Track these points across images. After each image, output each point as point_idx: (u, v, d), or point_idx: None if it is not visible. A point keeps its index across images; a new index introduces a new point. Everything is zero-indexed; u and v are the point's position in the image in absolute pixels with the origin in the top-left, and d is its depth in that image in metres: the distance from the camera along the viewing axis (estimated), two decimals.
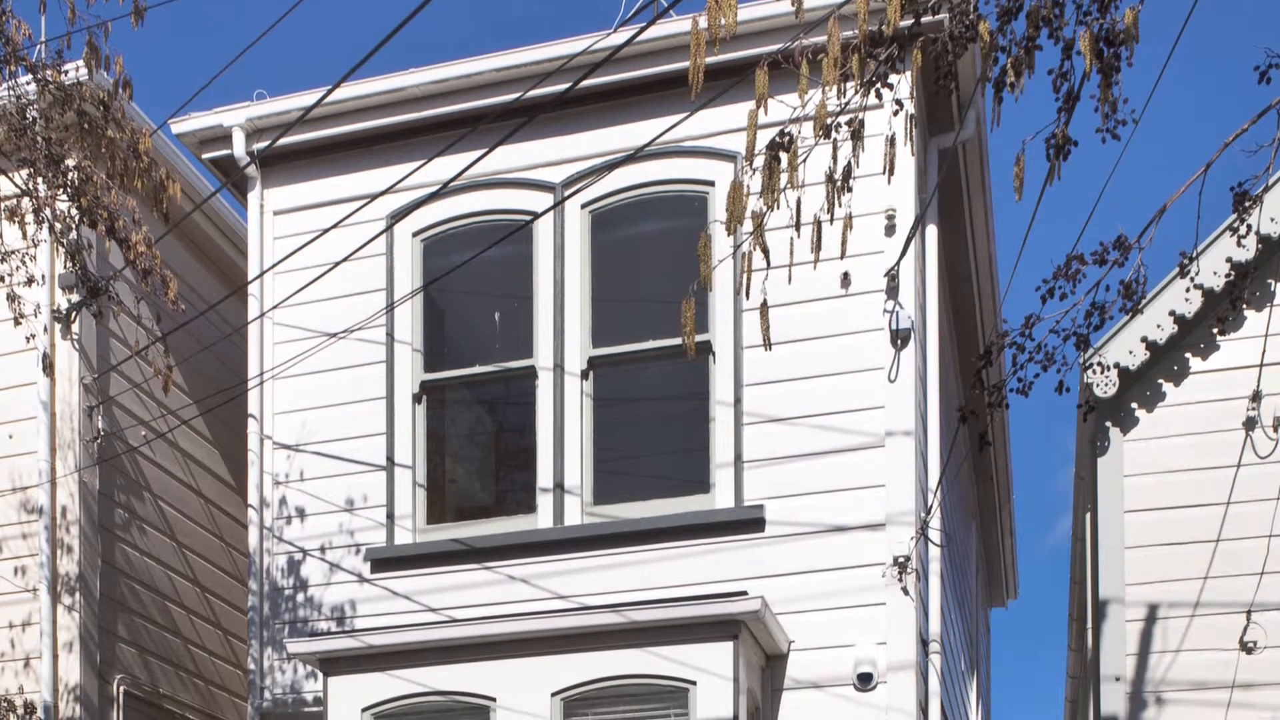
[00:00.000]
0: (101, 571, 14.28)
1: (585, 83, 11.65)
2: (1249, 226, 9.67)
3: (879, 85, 7.54)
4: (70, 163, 11.01)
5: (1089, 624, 14.50)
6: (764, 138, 7.45)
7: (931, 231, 12.79)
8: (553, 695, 11.70)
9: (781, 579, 12.08)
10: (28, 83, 11.15)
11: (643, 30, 11.00)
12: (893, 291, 11.98)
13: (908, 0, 7.46)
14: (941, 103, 12.73)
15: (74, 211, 11.17)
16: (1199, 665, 12.81)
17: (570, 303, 12.86)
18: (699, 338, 12.28)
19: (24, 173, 11.51)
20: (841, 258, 9.87)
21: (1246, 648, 12.59)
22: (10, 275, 12.08)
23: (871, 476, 12.03)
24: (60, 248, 12.15)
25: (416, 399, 13.25)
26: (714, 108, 11.70)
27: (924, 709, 12.22)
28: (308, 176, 13.84)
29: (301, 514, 13.49)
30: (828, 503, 12.09)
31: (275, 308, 13.57)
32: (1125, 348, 12.89)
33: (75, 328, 13.33)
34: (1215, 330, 12.78)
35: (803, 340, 12.25)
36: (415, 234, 13.33)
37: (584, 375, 12.79)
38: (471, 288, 13.49)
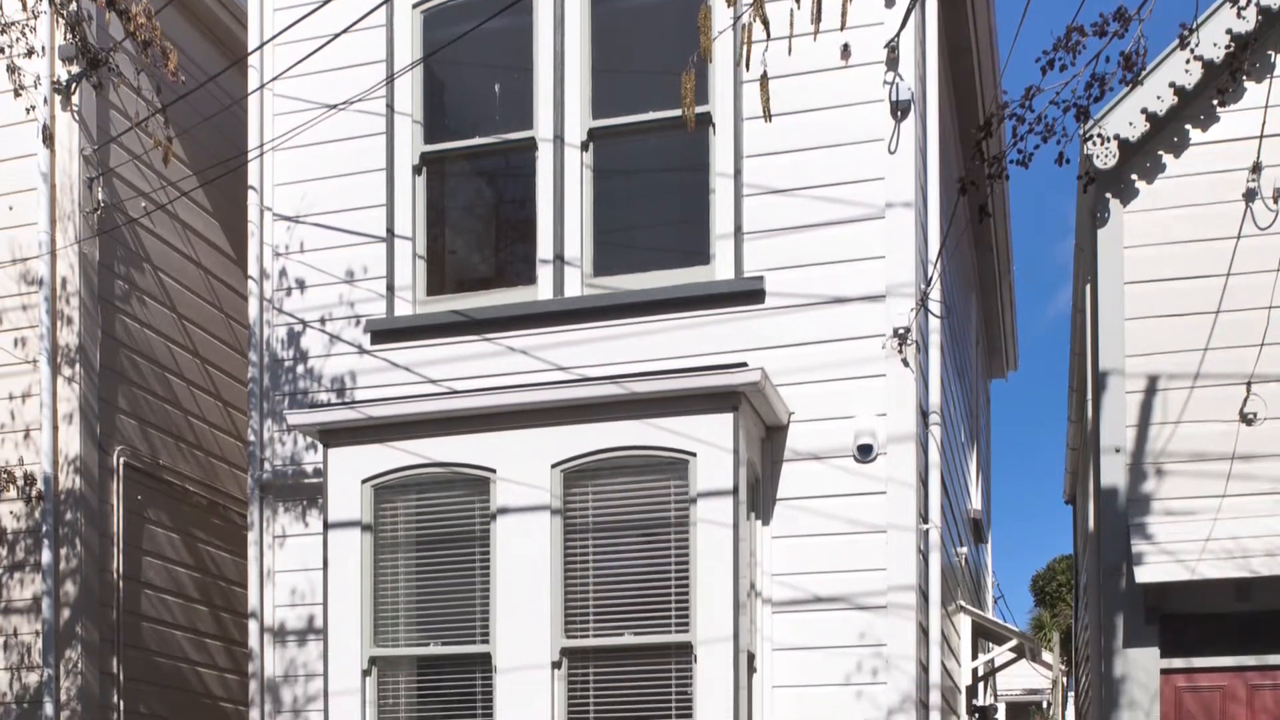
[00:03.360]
0: (101, 343, 14.37)
1: None
2: None
3: None
4: None
5: (1089, 396, 14.61)
6: None
7: (931, 3, 12.68)
8: (553, 466, 11.83)
9: (781, 350, 12.15)
10: None
11: None
12: (892, 63, 11.92)
13: None
14: None
15: None
16: (1199, 437, 12.94)
17: (570, 74, 12.80)
18: (699, 109, 12.23)
19: None
20: (841, 29, 9.81)
21: (1246, 419, 12.70)
22: (10, 47, 12.01)
23: (871, 248, 12.04)
24: (60, 19, 12.09)
25: (416, 170, 13.23)
26: None
27: (924, 480, 12.35)
28: None
29: (301, 285, 13.54)
30: (828, 274, 12.12)
31: (275, 79, 13.50)
32: (1125, 119, 12.88)
33: (75, 99, 13.29)
34: (1215, 102, 12.76)
35: (803, 112, 12.20)
36: (415, 5, 13.21)
37: (584, 147, 12.76)
38: (471, 59, 13.41)
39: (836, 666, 11.92)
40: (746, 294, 12.24)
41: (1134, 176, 13.15)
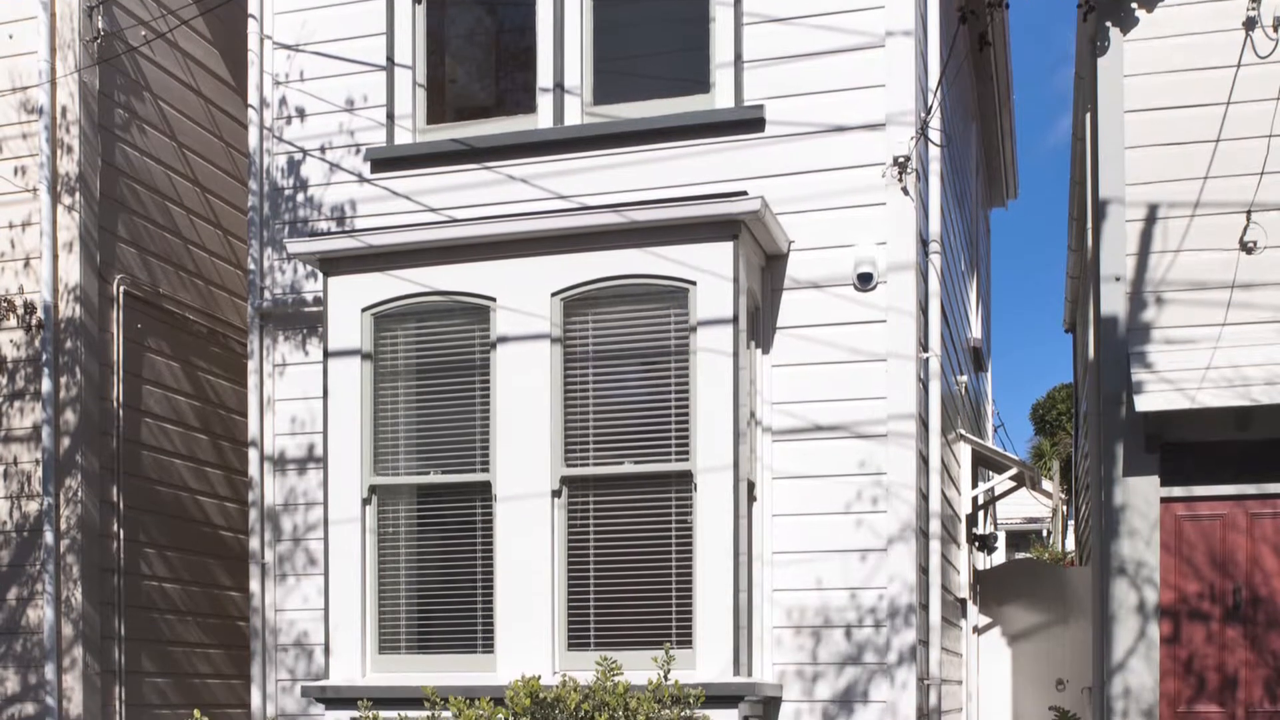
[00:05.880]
0: (101, 171, 14.35)
1: None
2: None
3: None
4: None
5: (1089, 224, 14.62)
6: None
7: None
8: (552, 295, 11.86)
9: (781, 179, 12.14)
10: None
11: None
12: None
13: None
14: None
15: None
16: (1199, 265, 12.94)
17: None
18: None
19: None
20: None
21: (1246, 247, 12.71)
22: None
23: (871, 76, 12.01)
24: None
25: None
26: None
27: (924, 308, 12.39)
28: None
29: (301, 114, 13.51)
30: (828, 102, 12.10)
31: None
32: None
33: None
34: None
35: None
36: None
37: None
38: None
39: (836, 495, 12.01)
40: (746, 122, 12.22)
41: (1134, 4, 13.08)
